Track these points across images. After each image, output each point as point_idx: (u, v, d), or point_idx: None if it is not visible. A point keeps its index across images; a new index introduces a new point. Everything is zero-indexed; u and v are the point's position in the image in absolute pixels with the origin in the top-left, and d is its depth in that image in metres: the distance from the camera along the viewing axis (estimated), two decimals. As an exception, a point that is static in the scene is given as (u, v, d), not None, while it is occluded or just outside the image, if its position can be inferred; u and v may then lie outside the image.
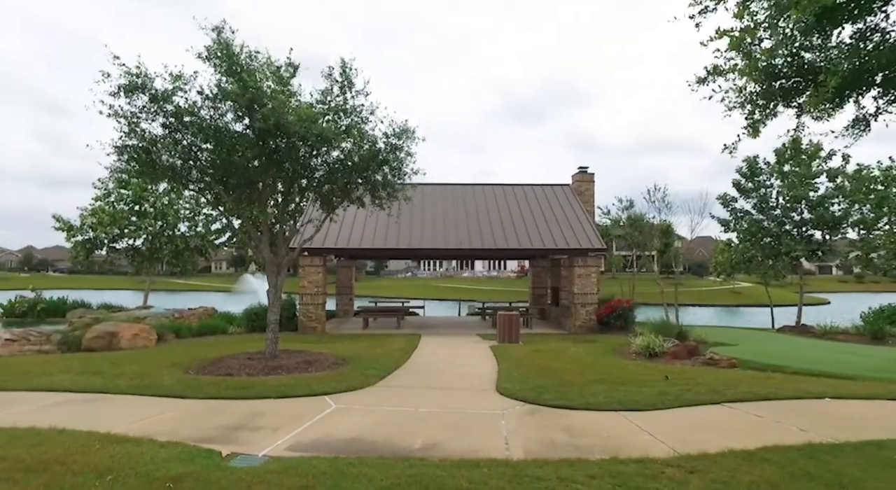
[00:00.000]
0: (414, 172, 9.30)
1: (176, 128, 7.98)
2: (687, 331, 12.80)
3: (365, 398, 6.78)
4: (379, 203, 10.14)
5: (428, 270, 72.47)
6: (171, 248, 23.23)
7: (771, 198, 19.99)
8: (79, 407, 6.23)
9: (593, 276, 16.48)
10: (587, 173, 20.32)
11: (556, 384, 7.32)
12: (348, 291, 22.26)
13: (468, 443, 4.91)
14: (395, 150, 8.97)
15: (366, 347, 11.70)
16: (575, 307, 16.25)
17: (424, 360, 10.09)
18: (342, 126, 8.91)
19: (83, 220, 21.65)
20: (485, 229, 17.38)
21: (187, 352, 10.62)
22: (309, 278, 16.19)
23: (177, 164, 8.22)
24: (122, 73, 7.39)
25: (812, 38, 4.30)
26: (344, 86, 9.15)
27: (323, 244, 16.24)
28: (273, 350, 9.05)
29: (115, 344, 11.38)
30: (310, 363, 8.69)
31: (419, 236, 16.99)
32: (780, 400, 6.37)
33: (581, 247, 16.39)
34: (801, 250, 18.79)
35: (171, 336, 13.30)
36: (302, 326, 15.85)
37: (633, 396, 6.53)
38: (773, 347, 12.33)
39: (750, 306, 45.48)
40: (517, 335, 13.26)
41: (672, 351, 9.93)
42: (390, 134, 9.09)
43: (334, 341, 13.31)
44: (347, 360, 9.62)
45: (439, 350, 11.69)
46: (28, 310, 21.46)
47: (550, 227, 17.52)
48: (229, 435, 5.09)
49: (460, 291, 48.62)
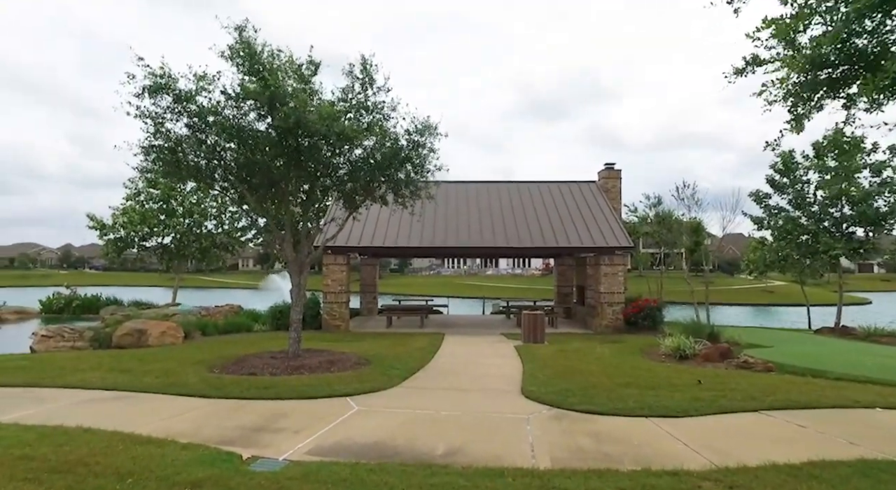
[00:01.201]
0: (437, 169, 9.17)
1: (200, 128, 8.02)
2: (718, 332, 12.35)
3: (387, 400, 6.68)
4: (402, 201, 10.05)
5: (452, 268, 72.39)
6: (199, 246, 23.69)
7: (808, 194, 19.16)
8: (106, 405, 6.30)
9: (620, 275, 16.09)
10: (614, 170, 19.84)
11: (582, 387, 7.09)
12: (372, 289, 22.30)
13: (492, 448, 4.75)
14: (417, 148, 8.85)
15: (388, 346, 11.64)
16: (601, 306, 15.89)
17: (447, 361, 9.96)
18: (364, 124, 8.84)
19: (115, 219, 22.26)
20: (509, 227, 17.15)
21: (212, 350, 10.74)
22: (333, 277, 16.23)
23: (201, 163, 8.27)
24: (146, 74, 7.45)
25: (866, 23, 3.97)
26: (365, 83, 9.07)
27: (346, 242, 16.26)
28: (296, 349, 9.06)
29: (144, 341, 11.60)
30: (332, 363, 8.65)
31: (443, 234, 16.87)
32: (825, 408, 6.01)
33: (608, 245, 16.01)
34: (840, 248, 17.94)
35: (197, 334, 13.50)
36: (326, 324, 15.91)
37: (664, 402, 6.26)
38: (812, 350, 11.79)
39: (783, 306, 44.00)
40: (542, 335, 13.02)
41: (703, 353, 9.56)
42: (412, 131, 8.97)
43: (358, 340, 13.30)
44: (370, 359, 9.56)
45: (463, 350, 11.56)
46: (64, 306, 22.21)
47: (576, 224, 17.17)
48: (251, 436, 5.05)
49: (484, 289, 48.40)
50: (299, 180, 9.11)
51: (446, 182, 20.58)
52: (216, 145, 8.20)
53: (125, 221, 22.12)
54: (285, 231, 9.16)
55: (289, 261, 9.11)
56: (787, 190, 19.41)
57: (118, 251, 23.36)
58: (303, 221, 9.61)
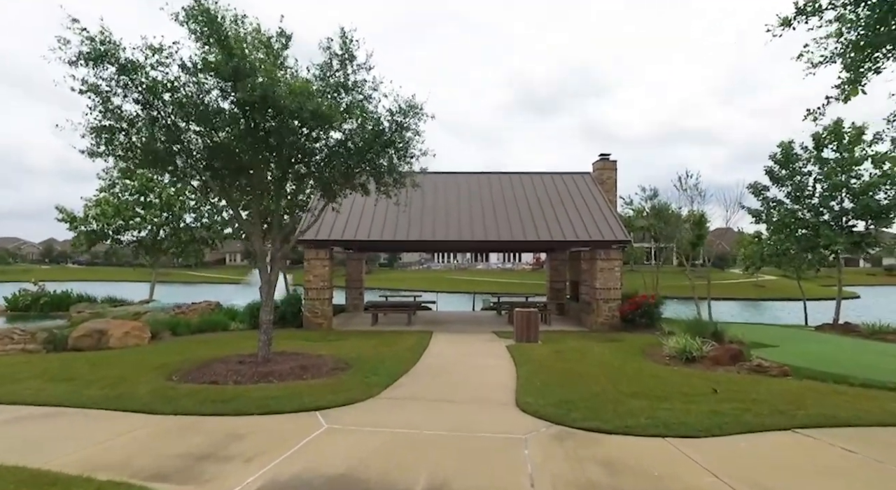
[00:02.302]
0: (422, 153, 8.27)
1: (154, 105, 7.06)
2: (722, 329, 11.61)
3: (362, 415, 5.83)
4: (385, 190, 9.17)
5: (442, 262, 71.52)
6: (177, 240, 22.58)
7: (807, 186, 18.55)
8: (28, 427, 5.37)
9: (617, 270, 15.36)
10: (609, 161, 19.05)
11: (585, 397, 6.30)
12: (358, 285, 21.38)
13: (483, 483, 3.93)
14: (400, 130, 7.95)
15: (372, 347, 10.80)
16: (597, 303, 15.15)
17: (435, 363, 9.13)
18: (342, 104, 7.94)
19: (86, 211, 21.07)
20: (501, 220, 16.30)
21: (179, 352, 9.82)
22: (314, 272, 15.31)
23: (158, 147, 7.30)
24: (83, 40, 6.46)
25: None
26: (344, 59, 8.15)
27: (329, 236, 15.34)
28: (266, 353, 8.16)
29: (104, 343, 10.62)
30: (306, 369, 7.77)
31: (431, 228, 15.98)
32: (869, 426, 5.24)
33: (604, 238, 15.24)
34: (842, 243, 17.35)
35: (166, 333, 12.53)
36: (307, 322, 15.01)
37: (681, 416, 5.48)
38: (821, 350, 11.14)
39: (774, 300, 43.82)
40: (536, 334, 12.25)
41: (712, 355, 8.81)
42: (395, 111, 8.07)
43: (340, 339, 12.45)
44: (350, 363, 8.71)
45: (451, 350, 10.74)
46: (31, 303, 21.01)
47: (571, 217, 16.38)
48: (192, 468, 4.18)
49: (474, 284, 47.66)
50: (270, 167, 8.18)
51: (435, 173, 19.78)
52: (174, 126, 7.24)
53: (97, 214, 20.93)
54: (254, 222, 8.23)
55: (257, 254, 8.19)
56: (785, 182, 18.81)
57: (90, 244, 22.18)
58: (275, 212, 8.69)
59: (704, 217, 18.49)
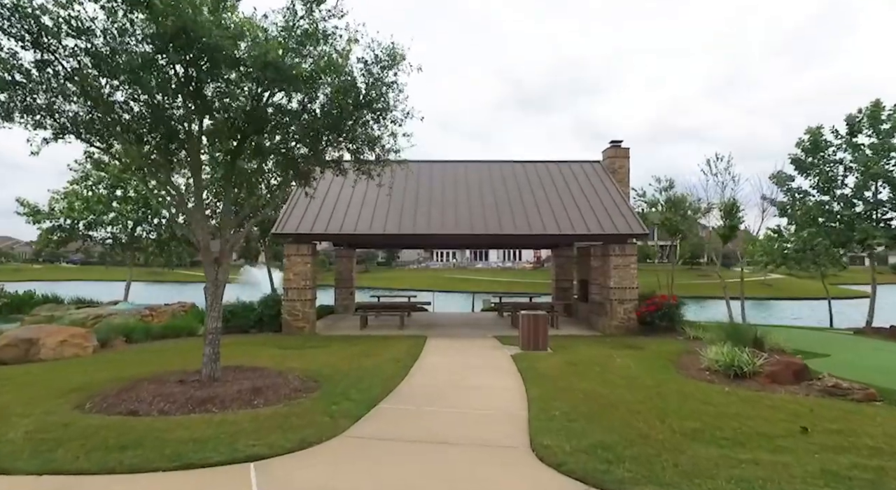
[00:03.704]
0: (407, 115, 6.55)
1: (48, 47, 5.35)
2: (763, 335, 9.89)
3: (316, 468, 4.13)
4: (365, 169, 7.46)
5: (441, 261, 69.77)
6: (156, 238, 20.81)
7: (838, 175, 16.81)
8: None
9: (633, 267, 13.69)
10: (621, 148, 17.33)
11: (627, 440, 4.58)
12: (348, 284, 19.70)
13: None
14: (378, 86, 6.23)
15: (354, 357, 9.12)
16: (611, 304, 13.48)
17: (425, 381, 7.44)
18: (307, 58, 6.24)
19: (52, 204, 19.29)
20: (503, 213, 14.59)
21: (118, 366, 8.13)
22: (295, 269, 13.62)
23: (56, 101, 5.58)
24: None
25: None
26: (310, 2, 6.45)
27: (312, 229, 13.64)
28: (212, 371, 6.44)
29: (34, 354, 8.93)
30: (259, 391, 6.05)
31: (426, 221, 14.25)
32: None
33: (618, 232, 13.55)
34: (880, 237, 15.66)
35: (119, 341, 10.82)
36: (287, 326, 13.32)
37: (782, 482, 3.75)
38: (880, 360, 9.44)
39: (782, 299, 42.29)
40: (545, 341, 10.56)
41: (769, 371, 7.08)
42: (371, 61, 6.35)
43: (320, 346, 10.78)
44: (320, 380, 7.02)
45: (447, 362, 9.05)
46: (-12, 305, 19.32)
47: (581, 209, 14.68)
48: None
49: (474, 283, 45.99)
50: (214, 134, 6.46)
51: (431, 162, 18.08)
52: (77, 74, 5.52)
53: (64, 207, 19.16)
54: (194, 205, 6.51)
55: (200, 247, 6.47)
56: (813, 171, 17.09)
57: (58, 242, 20.43)
58: (226, 194, 6.97)
59: (737, 205, 16.75)
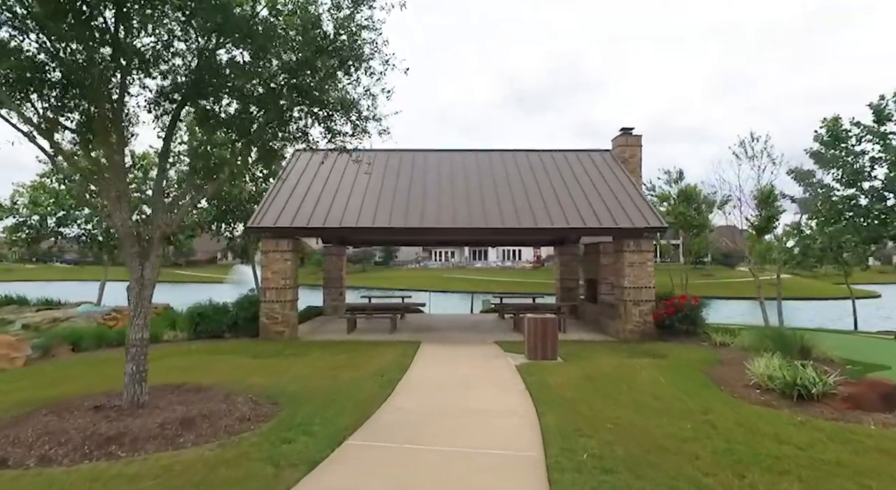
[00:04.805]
0: (387, 65, 5.12)
1: None
2: (810, 345, 8.47)
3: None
4: (340, 140, 6.05)
5: (439, 261, 68.27)
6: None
7: (865, 167, 15.44)
8: None
9: (649, 265, 12.31)
10: (632, 136, 15.95)
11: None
12: (338, 284, 18.28)
13: None
14: (348, 26, 4.81)
15: (331, 369, 7.74)
16: (625, 305, 12.09)
17: (411, 404, 6.03)
18: None
19: (16, 197, 17.82)
20: (505, 206, 13.18)
21: (39, 384, 6.74)
22: (274, 268, 12.22)
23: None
24: None
25: None
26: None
27: (292, 223, 12.26)
28: (135, 394, 5.00)
29: (-49, 366, 7.52)
30: (190, 423, 4.63)
31: (419, 214, 12.85)
32: None
33: (633, 225, 12.16)
34: (916, 231, 14.29)
35: (64, 349, 9.41)
36: (264, 330, 11.91)
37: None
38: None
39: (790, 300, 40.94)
40: (554, 349, 9.16)
41: (848, 393, 5.64)
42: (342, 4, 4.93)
43: (296, 355, 9.43)
44: (280, 402, 5.63)
45: (441, 374, 7.65)
46: (-55, 308, 17.80)
47: (591, 200, 13.29)
48: None
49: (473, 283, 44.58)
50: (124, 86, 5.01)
51: (427, 150, 16.68)
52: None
53: (29, 202, 17.70)
54: (110, 176, 5.07)
55: (122, 237, 5.05)
56: (835, 164, 15.71)
57: (27, 241, 18.90)
58: (159, 170, 5.54)
59: (774, 193, 15.32)
